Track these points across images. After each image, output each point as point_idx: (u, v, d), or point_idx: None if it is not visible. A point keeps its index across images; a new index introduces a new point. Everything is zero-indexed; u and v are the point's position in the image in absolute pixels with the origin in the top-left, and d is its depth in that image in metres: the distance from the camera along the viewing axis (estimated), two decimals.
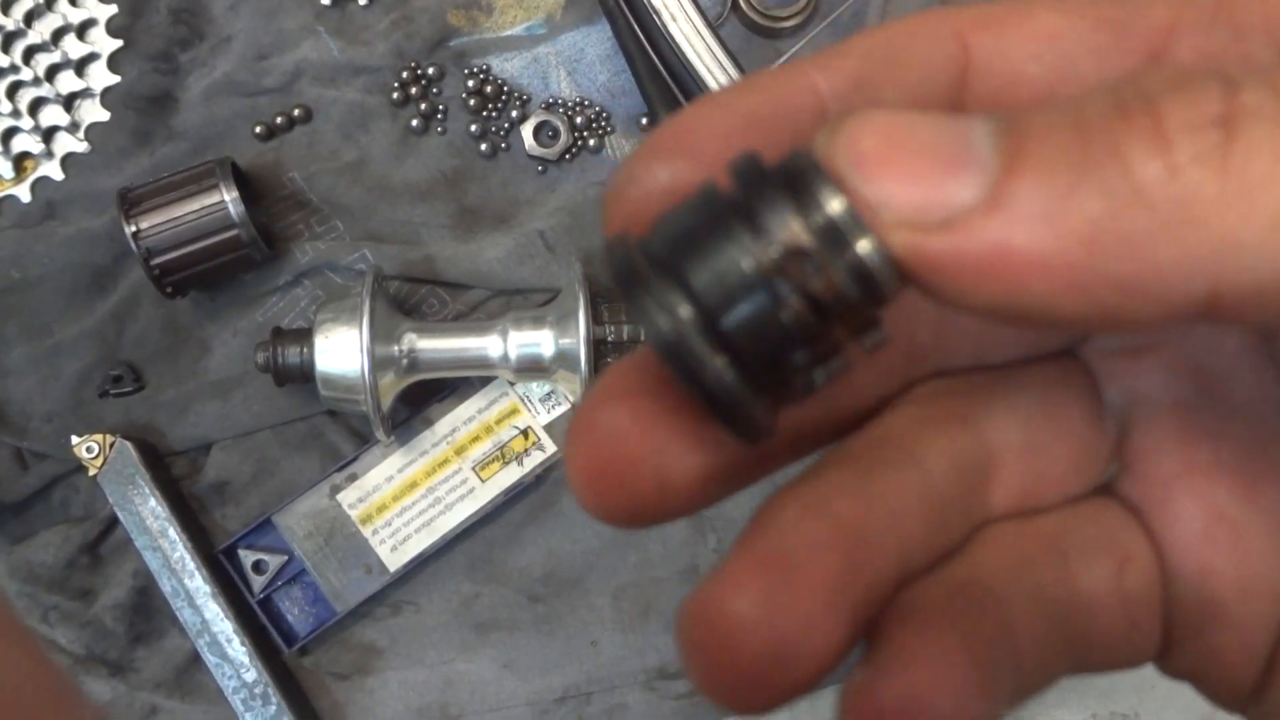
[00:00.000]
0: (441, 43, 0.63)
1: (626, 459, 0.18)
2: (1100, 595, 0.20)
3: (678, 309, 0.16)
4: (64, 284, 0.59)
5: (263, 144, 0.62)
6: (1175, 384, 0.21)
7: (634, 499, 0.18)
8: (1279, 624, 0.20)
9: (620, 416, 0.18)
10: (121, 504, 0.56)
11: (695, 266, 0.16)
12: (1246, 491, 0.21)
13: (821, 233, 0.15)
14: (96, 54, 0.61)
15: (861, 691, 0.17)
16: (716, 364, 0.16)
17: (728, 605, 0.17)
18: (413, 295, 0.61)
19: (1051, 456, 0.21)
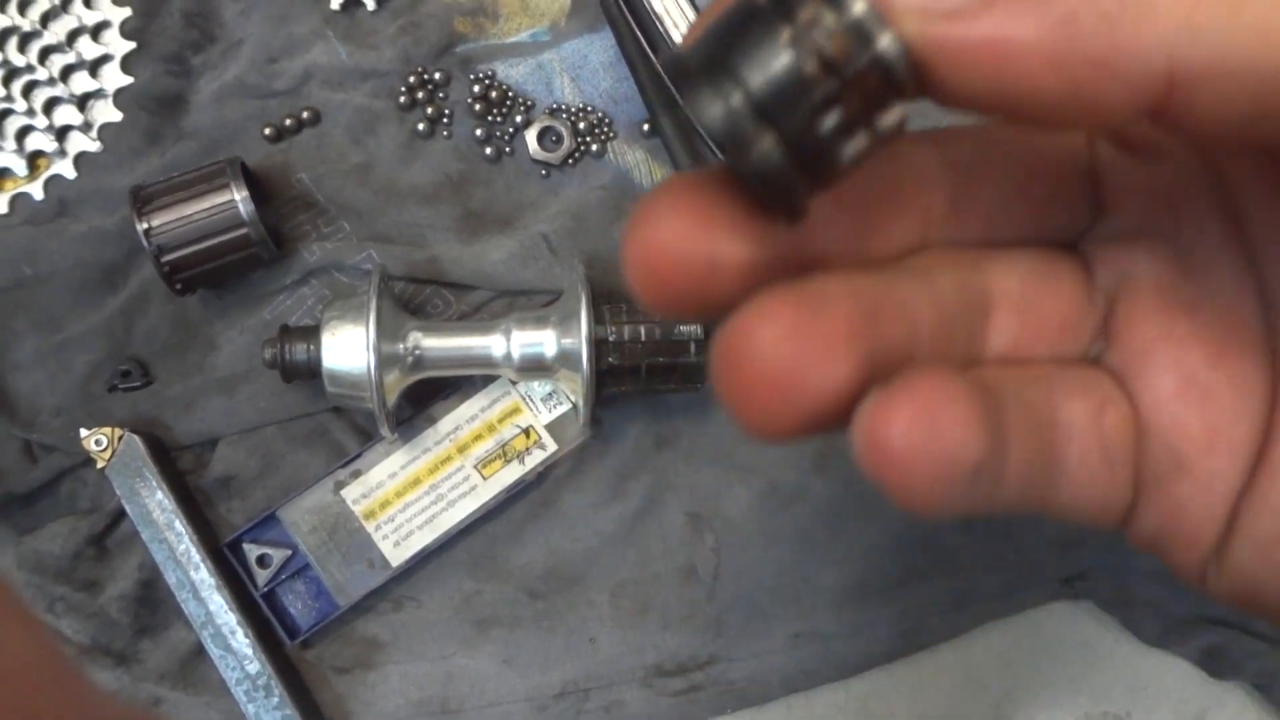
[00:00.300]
0: (448, 49, 0.64)
1: (682, 244, 0.20)
2: (1080, 425, 0.23)
3: (730, 95, 0.18)
4: (75, 280, 0.60)
5: (272, 145, 0.63)
6: (1160, 267, 0.24)
7: (688, 281, 0.20)
8: (1239, 482, 0.23)
9: (678, 211, 0.20)
10: (128, 497, 0.57)
11: (740, 58, 0.19)
12: (1216, 360, 0.23)
13: (849, 28, 0.18)
14: (110, 55, 0.62)
15: (875, 407, 0.19)
16: (764, 141, 0.19)
17: (758, 331, 0.19)
18: (418, 296, 0.62)
19: (1043, 312, 0.24)
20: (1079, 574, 0.62)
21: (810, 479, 0.62)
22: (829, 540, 0.62)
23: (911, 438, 0.19)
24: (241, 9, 0.64)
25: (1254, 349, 0.23)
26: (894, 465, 0.19)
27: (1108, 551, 0.62)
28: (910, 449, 0.19)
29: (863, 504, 0.62)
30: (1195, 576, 0.23)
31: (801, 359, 0.19)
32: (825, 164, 0.19)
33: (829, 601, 0.61)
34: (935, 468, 0.19)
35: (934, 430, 0.19)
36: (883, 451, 0.19)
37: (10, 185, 0.61)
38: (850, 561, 0.62)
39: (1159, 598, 0.62)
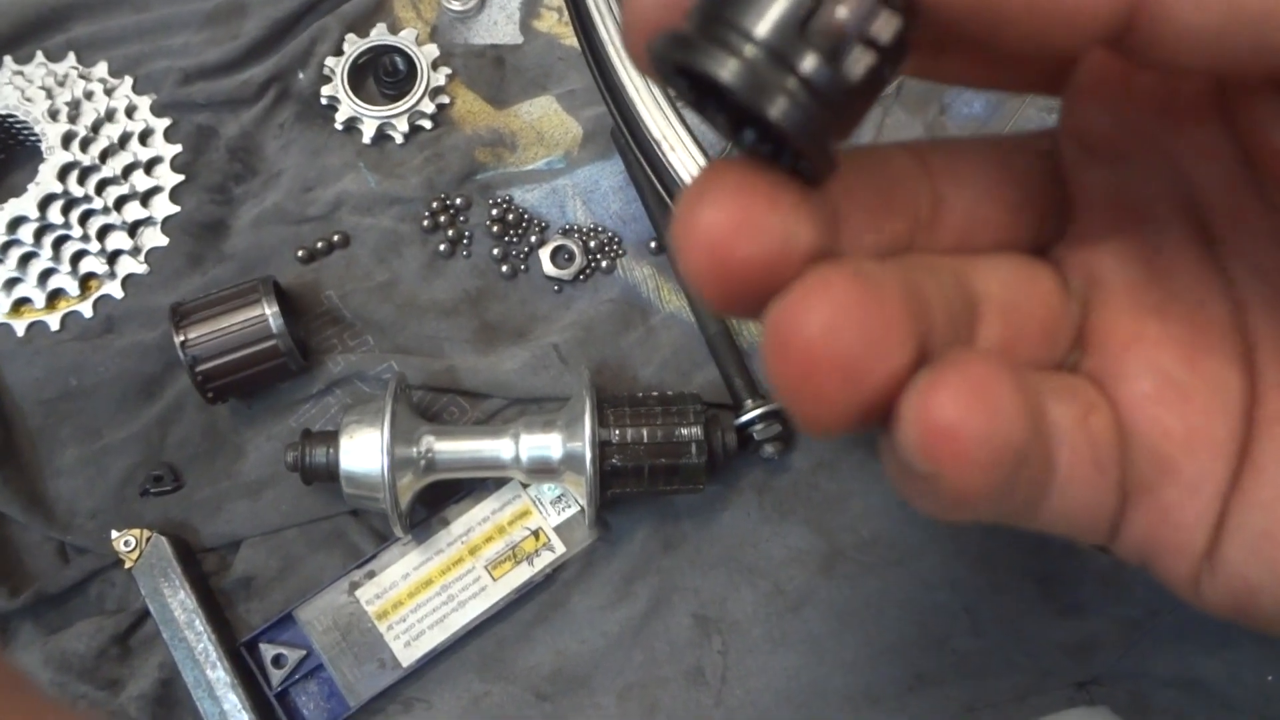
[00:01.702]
0: (469, 176, 0.70)
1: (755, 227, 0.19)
2: (1069, 428, 0.22)
3: (741, 48, 0.18)
4: (116, 391, 0.64)
5: (304, 266, 0.67)
6: (1128, 269, 0.24)
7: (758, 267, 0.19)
8: (1225, 482, 0.22)
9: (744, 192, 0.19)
10: (152, 596, 0.59)
11: (735, 12, 0.18)
12: (1189, 361, 0.23)
13: None
14: (160, 187, 0.68)
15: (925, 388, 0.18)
16: (788, 83, 0.18)
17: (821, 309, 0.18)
18: (435, 403, 0.65)
19: (1025, 316, 0.24)
20: (1093, 678, 0.61)
21: (817, 581, 0.63)
22: (837, 644, 0.62)
23: (970, 417, 0.18)
24: (282, 144, 0.70)
25: (1226, 348, 0.23)
26: (950, 445, 0.18)
27: (1123, 656, 0.61)
28: (968, 428, 0.18)
29: (871, 607, 0.62)
30: (1189, 587, 0.23)
31: (866, 338, 0.18)
32: (843, 95, 0.18)
33: (838, 706, 0.61)
34: (990, 448, 0.18)
35: (990, 408, 0.18)
36: (939, 432, 0.18)
37: (63, 304, 0.66)
38: (859, 665, 0.61)
39: (1178, 705, 0.61)
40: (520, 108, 0.71)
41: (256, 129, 0.70)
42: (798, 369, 0.18)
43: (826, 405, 0.18)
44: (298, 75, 0.71)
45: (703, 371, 0.65)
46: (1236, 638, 0.62)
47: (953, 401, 0.18)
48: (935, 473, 0.18)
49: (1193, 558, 0.22)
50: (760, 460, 0.63)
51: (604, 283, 0.68)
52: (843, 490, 0.64)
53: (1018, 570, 0.63)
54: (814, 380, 0.18)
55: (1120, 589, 0.62)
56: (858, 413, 0.19)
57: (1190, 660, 0.61)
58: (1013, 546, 0.63)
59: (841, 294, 0.18)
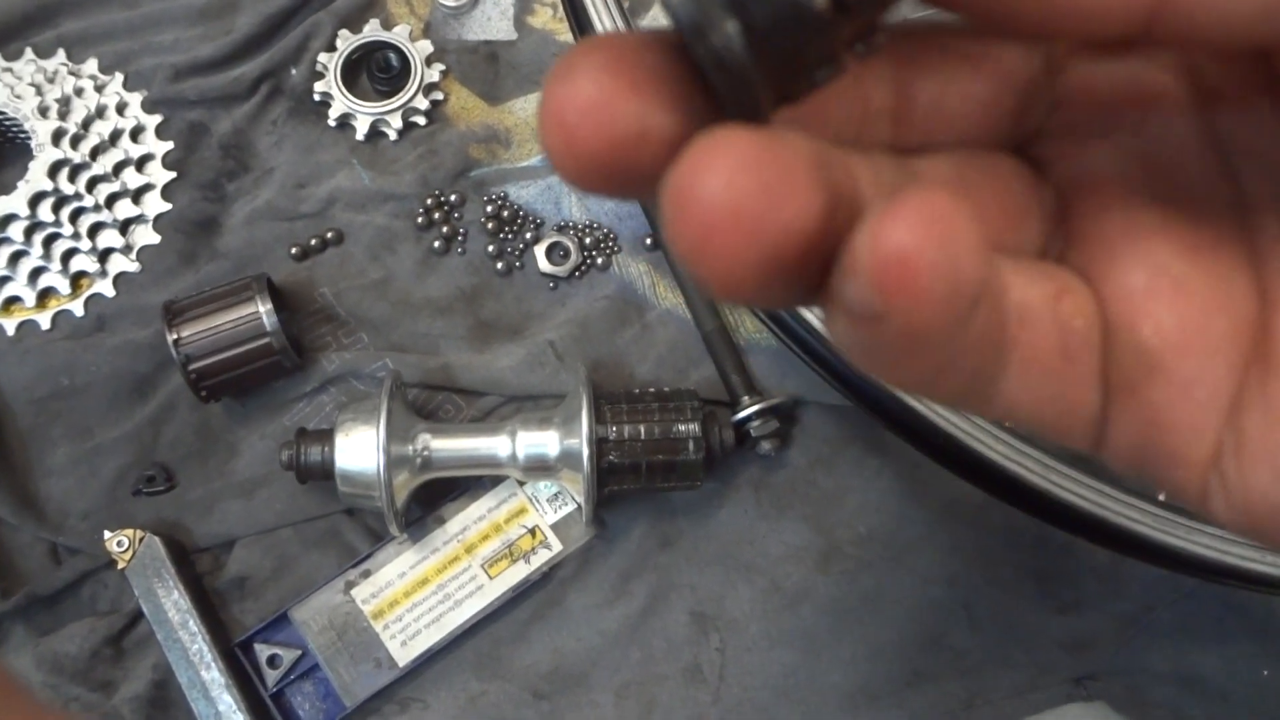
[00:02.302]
0: (463, 173, 0.69)
1: (608, 108, 0.18)
2: (1034, 309, 0.20)
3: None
4: (108, 390, 0.64)
5: (297, 263, 0.67)
6: (1122, 163, 0.22)
7: (611, 151, 0.18)
8: (1228, 386, 0.20)
9: (606, 68, 0.18)
10: (146, 597, 0.59)
11: None
12: (1190, 254, 0.21)
13: None
14: (152, 184, 0.67)
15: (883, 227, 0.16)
16: (728, 26, 0.17)
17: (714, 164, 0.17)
18: (430, 401, 0.65)
19: (983, 197, 0.21)
20: (1090, 674, 0.61)
21: (815, 578, 0.62)
22: (834, 640, 0.62)
23: (926, 244, 0.16)
24: (275, 141, 0.69)
25: (1232, 245, 0.21)
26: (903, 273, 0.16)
27: (1120, 651, 0.61)
28: (923, 255, 0.16)
29: (868, 604, 0.62)
30: (1196, 499, 0.21)
31: (766, 188, 0.17)
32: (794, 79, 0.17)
33: (836, 703, 0.61)
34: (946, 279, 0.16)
35: (947, 237, 0.16)
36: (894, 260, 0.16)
37: (54, 303, 0.66)
38: (857, 662, 0.61)
39: (1175, 701, 0.61)
40: (515, 104, 0.71)
41: (249, 126, 0.69)
42: (697, 228, 0.17)
43: (728, 261, 0.17)
44: (290, 71, 0.70)
45: (699, 368, 0.65)
46: (1233, 632, 0.62)
47: (909, 229, 0.16)
48: (884, 310, 0.16)
49: (1195, 467, 0.20)
50: (757, 457, 0.63)
51: (600, 279, 0.68)
52: (840, 486, 0.64)
53: (1015, 567, 0.63)
54: (714, 237, 0.17)
55: (1117, 585, 0.62)
56: (763, 267, 0.17)
57: (1187, 656, 0.61)
58: (1011, 543, 0.63)
59: (740, 149, 0.17)
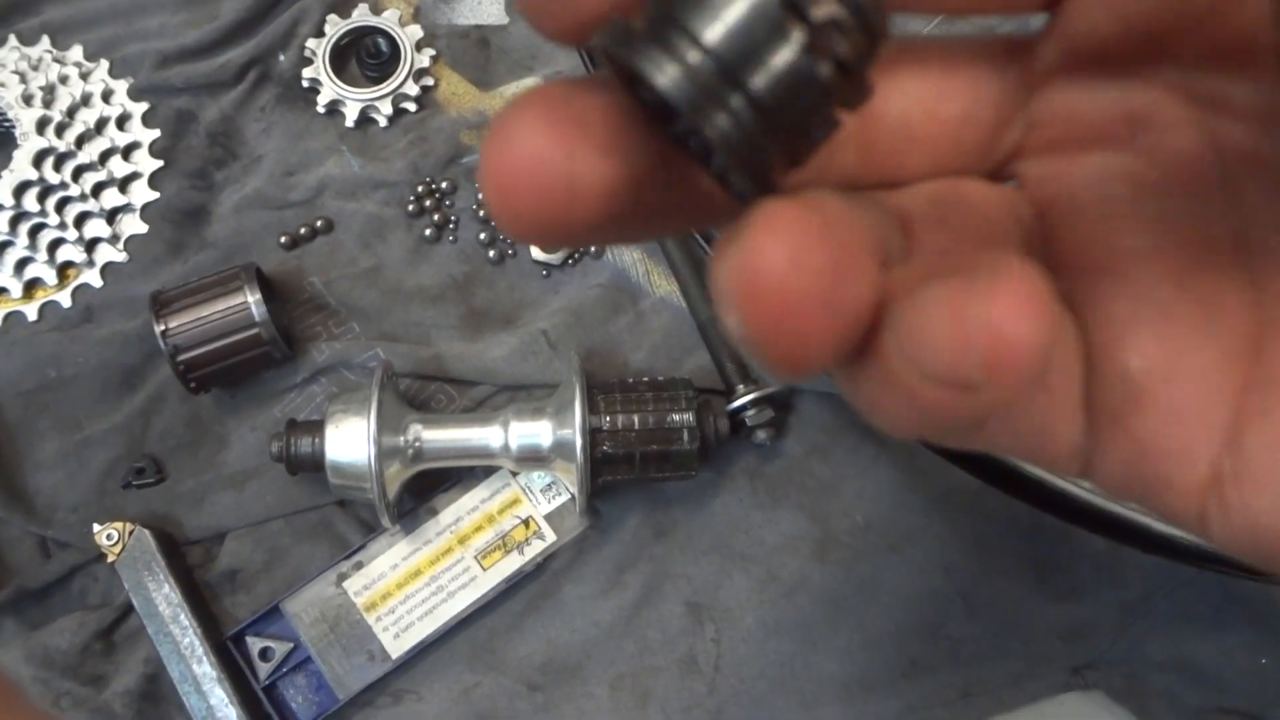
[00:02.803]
0: (454, 160, 0.68)
1: (538, 159, 0.17)
2: None
3: (686, 52, 0.16)
4: (96, 382, 0.63)
5: (287, 252, 0.66)
6: (1107, 184, 0.21)
7: (542, 203, 0.18)
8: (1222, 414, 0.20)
9: (537, 118, 0.17)
10: (136, 590, 0.58)
11: (690, 11, 0.16)
12: (1179, 277, 0.20)
13: None
14: (139, 173, 0.66)
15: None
16: (733, 100, 0.16)
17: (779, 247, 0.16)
18: (423, 391, 0.64)
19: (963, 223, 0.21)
20: (1088, 663, 0.61)
21: (811, 567, 0.62)
22: (831, 630, 0.61)
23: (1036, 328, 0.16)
24: (263, 128, 0.68)
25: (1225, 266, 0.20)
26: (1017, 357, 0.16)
27: (1117, 640, 0.61)
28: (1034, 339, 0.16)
29: (864, 593, 0.62)
30: (1192, 522, 0.21)
31: (836, 265, 0.16)
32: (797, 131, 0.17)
33: (833, 693, 0.60)
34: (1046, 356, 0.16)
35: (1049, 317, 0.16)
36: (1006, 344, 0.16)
37: (41, 294, 0.65)
38: (853, 652, 0.61)
39: (1173, 689, 0.60)
40: (507, 90, 0.70)
41: (237, 113, 0.68)
42: (772, 310, 0.16)
43: (808, 342, 0.17)
44: (278, 57, 0.69)
45: (694, 356, 0.64)
46: (1231, 621, 0.61)
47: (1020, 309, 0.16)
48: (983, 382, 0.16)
49: (1189, 492, 0.20)
50: (752, 446, 0.63)
51: (593, 267, 0.67)
52: (836, 475, 0.63)
53: (1012, 555, 0.62)
54: (792, 319, 0.17)
55: (1115, 573, 0.62)
56: (840, 343, 0.17)
57: (1184, 644, 0.61)
58: (1007, 531, 0.62)
59: (804, 228, 0.16)
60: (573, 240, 0.19)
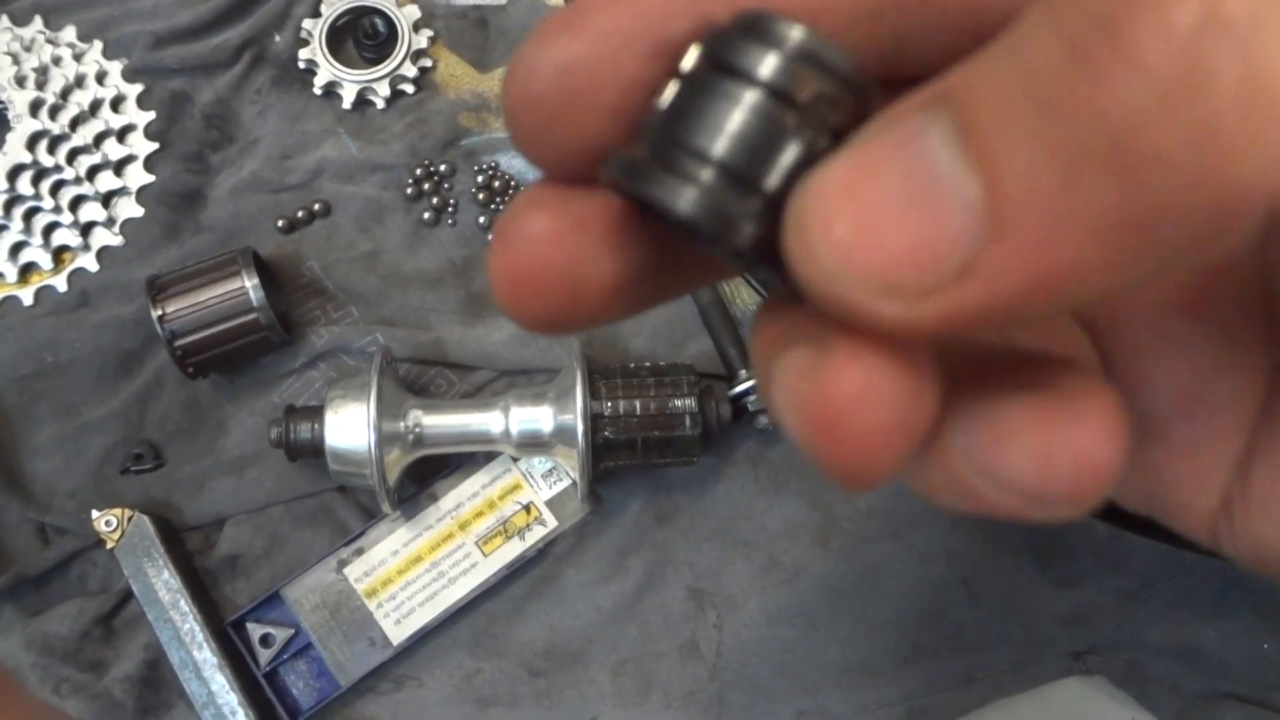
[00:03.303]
0: (453, 142, 0.68)
1: (542, 264, 0.18)
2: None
3: (699, 173, 0.16)
4: (93, 367, 0.63)
5: (284, 236, 0.66)
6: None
7: (548, 303, 0.18)
8: (1236, 445, 0.20)
9: (538, 224, 0.18)
10: (136, 576, 0.58)
11: (692, 131, 0.16)
12: (1194, 313, 0.20)
13: (799, 57, 0.16)
14: (134, 156, 0.65)
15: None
16: (752, 206, 0.16)
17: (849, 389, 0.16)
18: (422, 376, 0.64)
19: None
20: (1090, 648, 0.61)
21: (813, 554, 0.62)
22: (833, 616, 0.61)
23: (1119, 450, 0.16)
24: (259, 110, 0.68)
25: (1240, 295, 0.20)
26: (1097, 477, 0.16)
27: (1119, 626, 0.61)
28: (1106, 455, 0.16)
29: (866, 579, 0.62)
30: (1206, 541, 0.21)
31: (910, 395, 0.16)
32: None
33: (834, 679, 0.60)
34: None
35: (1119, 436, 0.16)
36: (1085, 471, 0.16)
37: (36, 278, 0.64)
38: (855, 638, 0.61)
39: (1174, 674, 0.60)
40: (505, 71, 0.69)
41: (232, 95, 0.67)
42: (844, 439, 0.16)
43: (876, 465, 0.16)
44: (274, 38, 0.68)
45: (695, 342, 0.64)
46: (1232, 607, 0.61)
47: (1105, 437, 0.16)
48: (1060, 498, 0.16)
49: (1202, 516, 0.20)
50: (755, 431, 0.62)
51: None
52: None
53: (1014, 542, 0.62)
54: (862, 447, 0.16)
55: (1116, 559, 0.62)
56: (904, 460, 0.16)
57: (1186, 629, 0.61)
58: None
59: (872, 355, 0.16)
60: (581, 328, 0.19)
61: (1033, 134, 0.13)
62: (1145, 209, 0.12)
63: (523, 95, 0.18)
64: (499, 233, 0.18)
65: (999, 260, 0.13)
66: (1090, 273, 0.13)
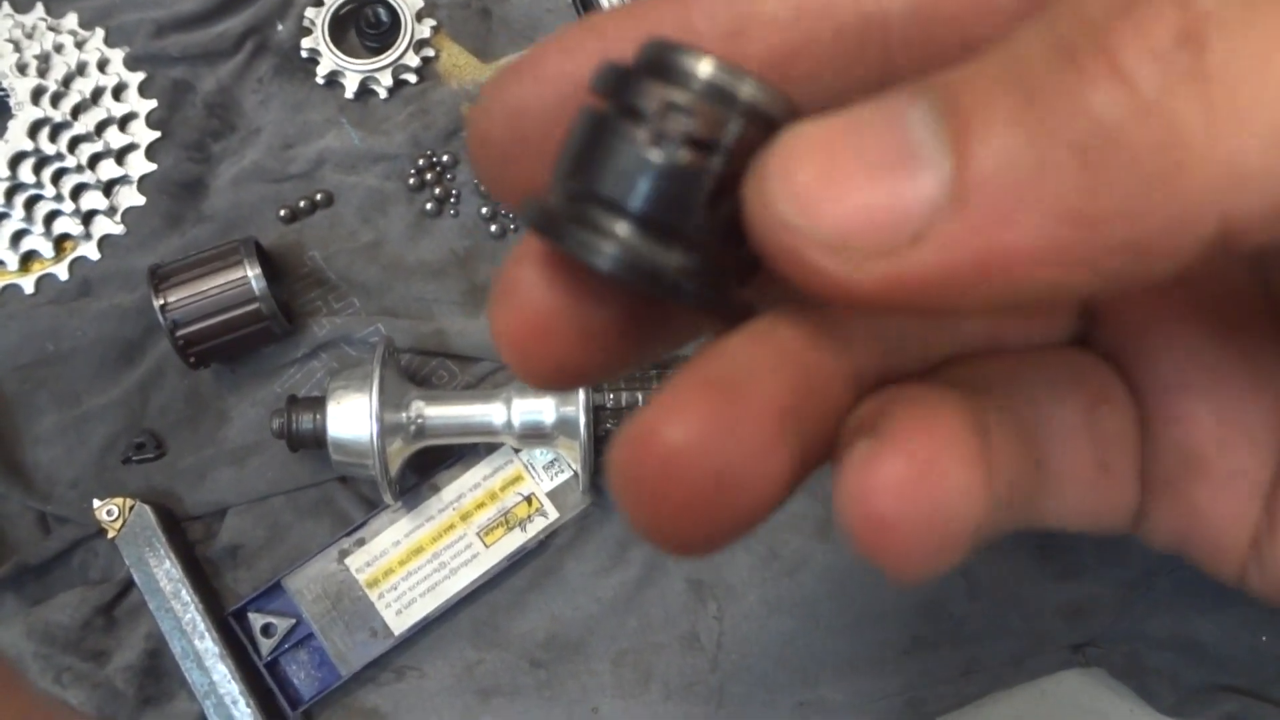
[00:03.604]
0: (455, 133, 0.67)
1: (543, 319, 0.17)
2: (1069, 429, 0.19)
3: (614, 226, 0.15)
4: (94, 356, 0.63)
5: (286, 226, 0.65)
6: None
7: (558, 358, 0.18)
8: (1268, 475, 0.19)
9: (539, 279, 0.17)
10: (137, 566, 0.58)
11: (606, 181, 0.16)
12: (1222, 336, 0.20)
13: (707, 95, 0.15)
14: (136, 144, 0.65)
15: (860, 469, 0.15)
16: (673, 257, 0.15)
17: (667, 431, 0.15)
18: (424, 367, 0.64)
19: None
20: (1089, 641, 0.61)
21: (813, 545, 0.62)
22: (833, 608, 0.61)
23: (910, 504, 0.15)
24: (261, 99, 0.67)
25: (1258, 317, 0.20)
26: (890, 539, 0.15)
27: (1118, 619, 0.61)
28: (908, 518, 0.15)
29: (866, 571, 0.62)
30: (1233, 579, 0.20)
31: (726, 459, 0.15)
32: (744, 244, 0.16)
33: (834, 670, 0.61)
34: (941, 535, 0.15)
35: (937, 490, 0.15)
36: (879, 528, 0.15)
37: (38, 266, 0.64)
38: (855, 629, 0.61)
39: (1173, 667, 0.61)
40: (508, 61, 0.69)
41: (234, 83, 0.67)
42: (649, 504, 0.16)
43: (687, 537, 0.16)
44: (276, 27, 0.68)
45: None
46: (1230, 600, 0.62)
47: (892, 491, 0.15)
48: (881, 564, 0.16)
49: (1234, 553, 0.20)
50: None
51: None
52: None
53: (1014, 534, 0.62)
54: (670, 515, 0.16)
55: (1116, 552, 0.62)
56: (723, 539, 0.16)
57: (1185, 622, 0.61)
58: None
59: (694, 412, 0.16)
60: (593, 381, 0.19)
61: (1012, 118, 0.13)
62: (1105, 205, 0.13)
63: (479, 137, 0.18)
64: (499, 290, 0.18)
65: (954, 232, 0.14)
66: (1038, 263, 0.13)
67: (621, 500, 0.16)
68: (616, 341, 0.18)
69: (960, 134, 0.14)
